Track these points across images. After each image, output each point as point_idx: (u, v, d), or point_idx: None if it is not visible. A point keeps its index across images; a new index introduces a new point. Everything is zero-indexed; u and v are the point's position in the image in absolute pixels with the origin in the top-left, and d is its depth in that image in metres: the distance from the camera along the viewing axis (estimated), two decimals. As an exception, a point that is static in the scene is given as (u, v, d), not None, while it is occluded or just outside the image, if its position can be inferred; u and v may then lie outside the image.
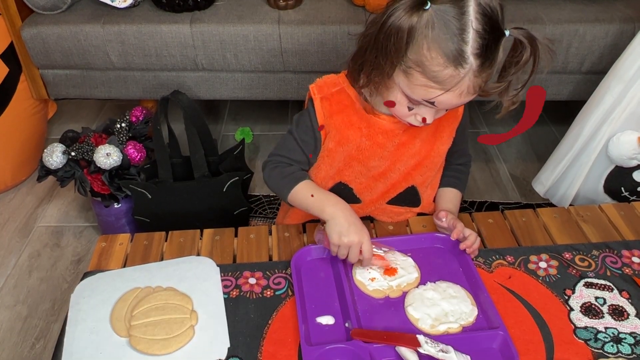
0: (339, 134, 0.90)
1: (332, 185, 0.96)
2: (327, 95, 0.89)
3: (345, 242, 0.82)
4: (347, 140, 0.90)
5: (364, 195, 0.97)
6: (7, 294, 1.40)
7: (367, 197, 0.97)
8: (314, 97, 0.90)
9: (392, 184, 0.96)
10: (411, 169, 0.94)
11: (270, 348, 0.75)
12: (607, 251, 0.90)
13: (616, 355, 0.74)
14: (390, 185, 0.96)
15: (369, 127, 0.89)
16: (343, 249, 0.83)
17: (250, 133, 1.96)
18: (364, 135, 0.90)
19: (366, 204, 0.98)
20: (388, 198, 0.98)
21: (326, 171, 0.95)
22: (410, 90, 0.77)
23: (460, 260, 0.88)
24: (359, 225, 0.84)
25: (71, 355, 0.75)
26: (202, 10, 1.60)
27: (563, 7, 1.61)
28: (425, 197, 1.00)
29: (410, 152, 0.92)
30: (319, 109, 0.89)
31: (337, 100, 0.89)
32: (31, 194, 1.72)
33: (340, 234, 0.82)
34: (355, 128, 0.89)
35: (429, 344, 0.72)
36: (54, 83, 1.69)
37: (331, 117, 0.89)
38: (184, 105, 1.41)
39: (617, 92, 1.28)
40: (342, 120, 0.89)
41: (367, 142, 0.90)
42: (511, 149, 1.91)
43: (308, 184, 0.91)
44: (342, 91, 0.89)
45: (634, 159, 1.32)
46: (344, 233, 0.82)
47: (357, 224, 0.84)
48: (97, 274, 0.88)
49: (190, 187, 1.41)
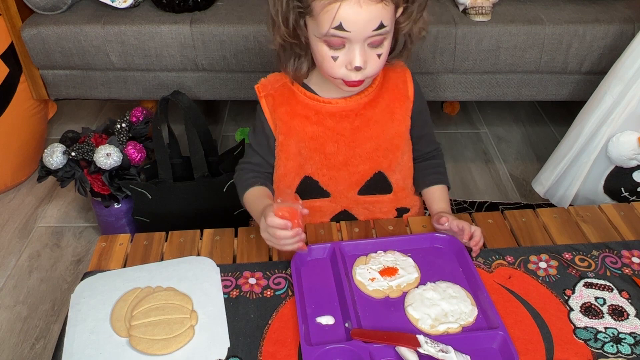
0: (285, 125, 0.93)
1: (300, 181, 0.97)
2: (271, 92, 0.94)
3: (265, 236, 0.81)
4: (295, 130, 0.92)
5: (331, 187, 0.98)
6: (7, 294, 1.41)
7: (335, 189, 0.98)
8: (259, 96, 0.94)
9: (358, 172, 0.96)
10: (372, 152, 0.95)
11: (270, 348, 0.75)
12: (606, 251, 0.90)
13: (616, 355, 0.74)
14: (356, 173, 0.96)
15: (317, 113, 0.92)
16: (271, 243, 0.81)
17: (250, 133, 1.96)
18: (313, 123, 0.92)
19: (336, 197, 0.99)
20: (357, 188, 0.98)
21: (286, 167, 0.96)
22: (318, 27, 0.79)
23: (460, 261, 0.88)
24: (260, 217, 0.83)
25: (71, 356, 0.75)
26: (202, 11, 1.60)
27: (563, 8, 1.61)
28: (395, 182, 0.99)
29: (366, 135, 0.93)
30: (264, 106, 0.94)
31: (279, 93, 0.93)
32: (31, 194, 1.73)
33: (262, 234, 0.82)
34: (301, 117, 0.92)
35: (428, 344, 0.72)
36: (54, 83, 1.69)
37: (275, 111, 0.93)
38: (184, 105, 1.41)
39: (616, 93, 1.28)
40: (286, 112, 0.92)
41: (318, 128, 0.92)
42: (511, 149, 1.92)
43: (254, 191, 0.93)
44: (285, 85, 0.93)
45: (634, 159, 1.32)
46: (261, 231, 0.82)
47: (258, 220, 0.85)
48: (97, 274, 0.88)
49: (190, 187, 1.41)
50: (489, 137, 1.98)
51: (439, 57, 1.59)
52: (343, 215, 1.01)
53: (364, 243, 0.90)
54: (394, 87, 0.94)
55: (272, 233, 0.79)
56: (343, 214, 1.01)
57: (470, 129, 2.01)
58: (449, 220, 0.90)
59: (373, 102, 0.93)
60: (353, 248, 0.89)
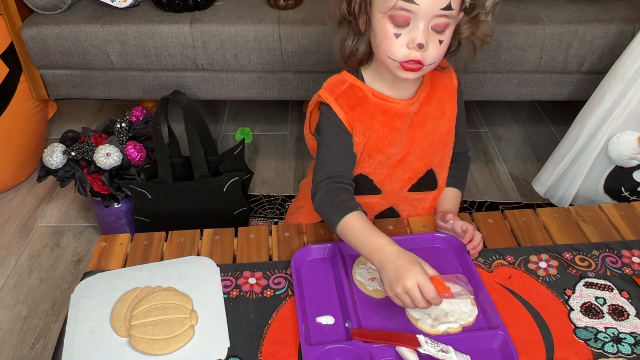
0: (363, 125, 0.89)
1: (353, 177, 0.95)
2: (340, 94, 0.89)
3: (398, 291, 0.72)
4: (371, 129, 0.89)
5: (384, 185, 0.96)
6: (7, 294, 1.40)
7: (388, 187, 0.96)
8: (328, 100, 0.88)
9: (412, 170, 0.95)
10: (426, 149, 0.94)
11: (270, 348, 0.75)
12: (607, 251, 0.90)
13: (616, 355, 0.74)
14: (411, 171, 0.95)
15: (385, 113, 0.89)
16: (404, 297, 0.73)
17: (250, 133, 1.96)
18: (382, 123, 0.89)
19: (387, 194, 0.97)
20: (409, 185, 0.97)
21: None
22: (385, 2, 0.77)
23: (460, 260, 0.88)
24: (406, 265, 0.73)
25: (71, 355, 0.75)
26: (202, 10, 1.60)
27: (563, 7, 1.61)
28: (440, 178, 1.00)
29: (423, 132, 0.92)
30: (337, 108, 0.88)
31: (350, 94, 0.89)
32: (31, 194, 1.72)
33: (391, 283, 0.73)
34: (375, 117, 0.89)
35: (429, 343, 0.72)
36: (54, 83, 1.69)
37: (353, 110, 0.88)
38: (184, 105, 1.41)
39: (617, 92, 1.28)
40: (363, 111, 0.89)
41: (386, 129, 0.90)
42: (511, 149, 1.92)
43: (357, 219, 0.82)
44: (352, 86, 0.89)
45: (634, 159, 1.32)
46: (394, 281, 0.73)
47: (405, 265, 0.73)
48: (97, 274, 0.88)
49: (190, 187, 1.41)
50: (489, 136, 1.98)
51: (439, 56, 1.59)
52: (389, 212, 1.00)
53: (364, 243, 0.90)
54: (442, 83, 0.94)
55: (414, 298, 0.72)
56: (389, 211, 1.00)
57: (470, 128, 2.01)
58: (454, 219, 0.90)
59: (427, 99, 0.92)
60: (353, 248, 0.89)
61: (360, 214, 0.83)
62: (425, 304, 0.72)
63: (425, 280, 0.71)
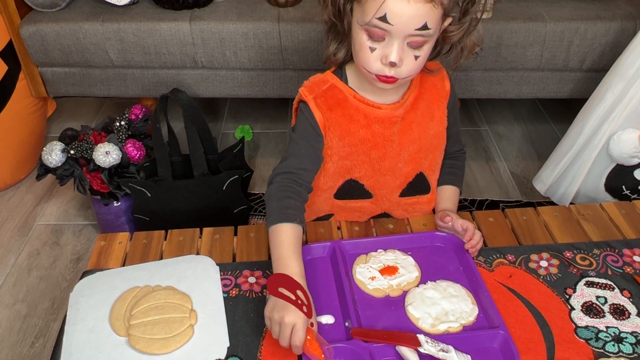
0: (340, 127, 0.90)
1: (342, 183, 0.95)
2: (320, 94, 0.89)
3: (275, 317, 0.71)
4: (349, 132, 0.90)
5: (375, 190, 0.96)
6: (6, 292, 1.40)
7: (379, 191, 0.96)
8: (307, 98, 0.89)
9: (402, 175, 0.95)
10: (415, 154, 0.94)
11: (269, 347, 0.75)
12: (608, 250, 0.90)
13: (617, 354, 0.74)
14: (401, 176, 0.95)
15: (366, 117, 0.89)
16: (274, 325, 0.72)
17: (250, 131, 1.95)
18: (362, 126, 0.90)
19: (379, 199, 0.97)
20: (400, 190, 0.97)
21: (334, 169, 0.94)
22: (363, 15, 0.78)
23: (461, 259, 0.87)
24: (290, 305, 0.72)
25: (70, 355, 0.75)
26: (202, 8, 1.60)
27: (564, 5, 1.61)
28: (433, 181, 0.99)
29: (410, 137, 0.92)
30: (315, 107, 0.88)
31: (330, 95, 0.89)
32: (30, 193, 1.72)
33: (275, 307, 0.72)
34: (354, 120, 0.89)
35: (429, 343, 0.71)
36: (53, 81, 1.68)
37: (330, 112, 0.89)
38: (184, 103, 1.41)
39: (618, 90, 1.27)
40: (341, 114, 0.89)
41: (367, 132, 0.90)
42: (512, 147, 1.91)
43: (288, 232, 0.81)
44: (333, 87, 0.90)
45: (635, 157, 1.31)
46: (278, 308, 0.72)
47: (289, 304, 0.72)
48: (96, 273, 0.87)
49: (190, 185, 1.40)
50: (490, 134, 1.97)
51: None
52: (382, 217, 1.00)
53: (364, 242, 0.90)
54: (432, 87, 0.93)
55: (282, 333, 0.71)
56: (382, 216, 1.00)
57: (471, 126, 2.01)
58: (453, 220, 0.89)
59: (414, 104, 0.91)
60: (353, 247, 0.89)
61: (295, 227, 0.81)
62: (286, 344, 0.71)
63: (302, 328, 0.70)
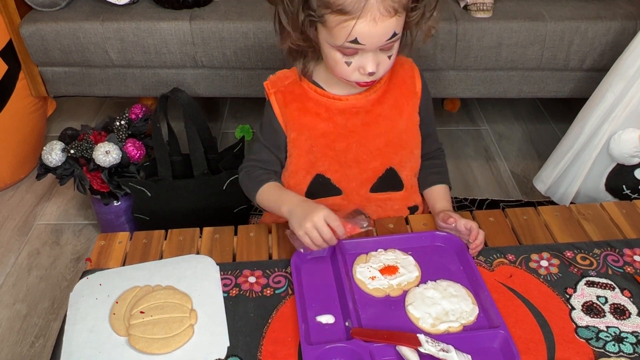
0: (296, 122, 0.92)
1: (311, 179, 0.97)
2: (281, 89, 0.93)
3: (307, 226, 0.79)
4: (306, 127, 0.92)
5: (343, 184, 0.97)
6: (6, 292, 1.40)
7: (347, 186, 0.97)
8: (269, 93, 0.93)
9: (370, 169, 0.96)
10: (382, 148, 0.95)
11: (270, 347, 0.75)
12: (608, 249, 0.90)
13: (618, 354, 0.74)
14: (368, 170, 0.96)
15: (327, 110, 0.92)
16: (313, 234, 0.79)
17: (250, 131, 1.95)
18: (323, 119, 0.92)
19: (349, 195, 0.98)
20: (369, 185, 0.98)
21: (298, 164, 0.96)
22: (332, 38, 0.80)
23: (461, 259, 0.87)
24: (312, 205, 0.83)
25: (70, 354, 0.75)
26: (202, 7, 1.60)
27: (565, 4, 1.61)
28: (406, 178, 0.99)
29: (376, 131, 0.93)
30: (274, 103, 0.93)
31: (290, 90, 0.93)
32: (30, 192, 1.72)
33: (300, 222, 0.80)
34: (312, 113, 0.92)
35: (429, 343, 0.71)
36: (53, 80, 1.68)
37: (286, 107, 0.92)
38: (184, 102, 1.41)
39: (618, 90, 1.27)
40: (297, 108, 0.92)
41: (329, 124, 0.92)
42: (512, 146, 1.91)
43: (271, 186, 0.92)
44: (295, 82, 0.93)
45: (636, 157, 1.31)
46: (302, 218, 0.80)
47: (313, 205, 0.83)
48: (96, 273, 0.87)
49: (190, 185, 1.40)
50: (490, 134, 1.97)
51: (440, 53, 1.58)
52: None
53: (365, 241, 0.90)
54: (402, 82, 0.94)
55: (321, 231, 0.79)
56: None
57: (471, 126, 2.01)
58: (456, 221, 0.89)
59: (381, 98, 0.93)
60: (353, 246, 0.89)
61: (274, 182, 0.92)
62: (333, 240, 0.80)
63: (332, 215, 0.79)
